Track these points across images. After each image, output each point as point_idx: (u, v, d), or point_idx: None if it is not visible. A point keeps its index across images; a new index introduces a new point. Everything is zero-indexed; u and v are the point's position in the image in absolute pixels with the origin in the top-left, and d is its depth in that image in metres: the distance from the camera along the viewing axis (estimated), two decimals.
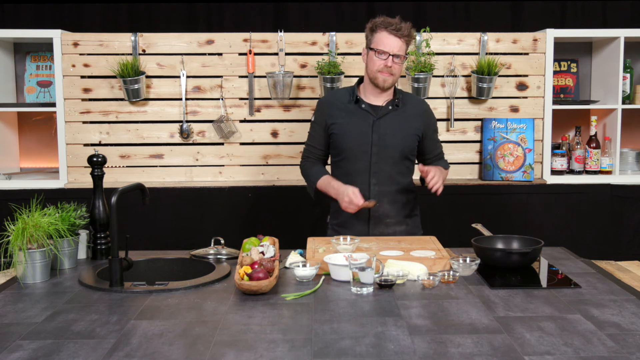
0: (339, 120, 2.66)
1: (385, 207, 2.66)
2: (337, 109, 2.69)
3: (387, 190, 2.65)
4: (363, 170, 2.64)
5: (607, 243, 3.76)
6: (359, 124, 2.64)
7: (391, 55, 2.56)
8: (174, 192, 3.68)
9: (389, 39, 2.56)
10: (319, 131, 2.72)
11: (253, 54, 3.72)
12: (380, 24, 2.58)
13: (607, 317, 1.74)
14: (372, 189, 2.64)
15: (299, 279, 2.10)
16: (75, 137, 3.74)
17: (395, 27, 2.55)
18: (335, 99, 2.72)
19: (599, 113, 3.94)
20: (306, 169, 2.77)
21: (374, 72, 2.59)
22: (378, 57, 2.57)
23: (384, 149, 2.63)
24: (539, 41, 3.79)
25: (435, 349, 1.53)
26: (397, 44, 2.56)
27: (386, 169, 2.64)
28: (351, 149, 2.64)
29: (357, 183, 2.60)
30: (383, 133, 2.63)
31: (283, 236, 2.58)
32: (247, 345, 1.56)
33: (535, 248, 2.24)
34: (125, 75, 3.60)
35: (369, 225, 2.67)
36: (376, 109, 2.66)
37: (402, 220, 2.71)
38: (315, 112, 2.76)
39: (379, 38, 2.57)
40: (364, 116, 2.65)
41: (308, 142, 2.78)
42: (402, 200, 2.70)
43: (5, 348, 1.56)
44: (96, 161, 2.41)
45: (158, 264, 2.40)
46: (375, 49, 2.57)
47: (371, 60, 2.60)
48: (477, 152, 3.86)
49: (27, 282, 2.12)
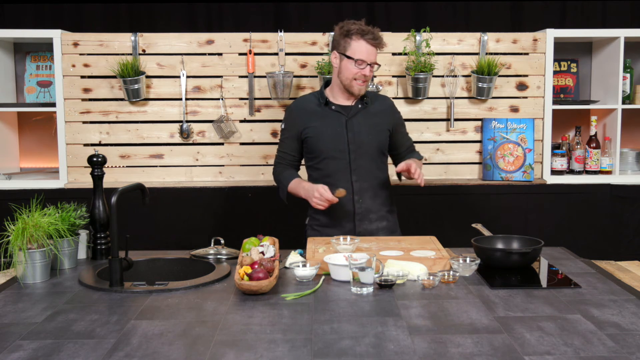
0: (311, 124, 2.70)
1: (368, 202, 2.71)
2: (308, 114, 2.72)
3: (368, 185, 2.71)
4: (343, 169, 2.68)
5: (607, 243, 3.76)
6: (333, 125, 2.69)
7: (369, 64, 2.60)
8: (174, 192, 3.68)
9: (368, 49, 2.59)
10: (290, 138, 2.76)
11: (253, 54, 3.72)
12: (355, 31, 2.58)
13: (607, 317, 1.74)
14: (354, 185, 2.68)
15: (299, 279, 2.10)
16: (75, 137, 3.74)
17: (373, 36, 2.58)
18: (304, 104, 2.77)
19: (599, 113, 3.94)
20: (278, 174, 2.81)
21: (349, 80, 2.63)
22: (357, 66, 2.59)
23: (360, 146, 2.68)
24: (539, 41, 3.79)
25: (435, 349, 1.53)
26: (374, 52, 2.61)
27: (365, 165, 2.70)
28: (328, 150, 2.68)
29: (339, 182, 2.66)
30: (357, 131, 2.68)
31: (283, 236, 2.58)
32: (247, 345, 1.56)
33: (535, 248, 2.24)
34: (125, 75, 3.60)
35: (355, 222, 2.70)
36: (346, 109, 2.71)
37: (384, 215, 2.76)
38: (284, 119, 2.80)
39: (357, 47, 2.58)
40: (336, 117, 2.70)
41: (279, 149, 2.82)
42: (382, 195, 2.76)
43: (5, 348, 1.56)
44: (96, 161, 2.41)
45: (158, 264, 2.40)
46: (354, 58, 2.58)
47: (346, 68, 2.62)
48: (477, 152, 3.86)
49: (27, 282, 2.12)
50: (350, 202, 2.69)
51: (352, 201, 2.69)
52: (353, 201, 2.69)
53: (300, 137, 2.73)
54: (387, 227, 2.77)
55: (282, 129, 2.80)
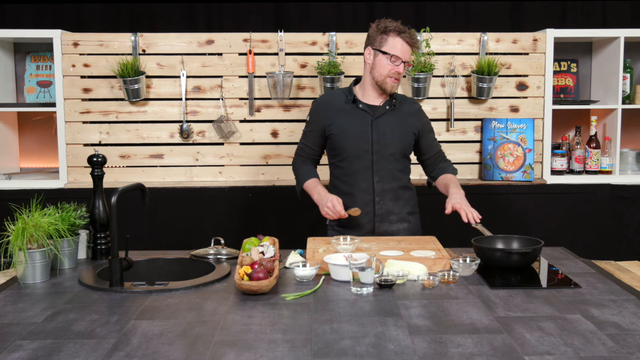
0: (336, 120, 2.68)
1: (389, 204, 2.70)
2: (334, 110, 2.70)
3: (390, 187, 2.69)
4: (365, 169, 2.66)
5: (607, 243, 3.76)
6: (358, 124, 2.66)
7: (403, 62, 2.59)
8: (174, 192, 3.68)
9: (404, 47, 2.59)
10: (314, 131, 2.75)
11: (253, 54, 3.72)
12: (393, 28, 2.59)
13: (607, 317, 1.74)
14: (375, 186, 2.67)
15: (299, 279, 2.10)
16: (75, 137, 3.74)
17: (410, 35, 2.59)
18: (332, 100, 2.75)
19: (599, 113, 3.94)
20: (297, 168, 2.80)
21: (383, 77, 2.61)
22: (391, 62, 2.59)
23: (384, 148, 2.66)
24: (539, 41, 3.79)
25: (435, 349, 1.53)
26: (409, 52, 2.62)
27: (388, 166, 2.68)
28: (351, 148, 2.66)
29: (360, 181, 2.66)
30: (382, 132, 2.66)
31: (283, 236, 2.58)
32: (247, 345, 1.56)
33: (535, 248, 2.24)
34: (125, 75, 3.60)
35: (374, 224, 2.69)
36: (373, 108, 2.68)
37: (404, 217, 2.74)
38: (310, 112, 2.79)
39: (394, 44, 2.58)
40: (362, 116, 2.67)
41: (302, 140, 2.81)
42: (404, 197, 2.74)
43: (5, 348, 1.56)
44: (96, 161, 2.41)
45: (158, 264, 2.40)
46: (391, 54, 2.58)
47: (381, 64, 2.61)
48: (477, 152, 3.86)
49: (27, 282, 2.12)
50: (371, 203, 2.67)
51: (372, 202, 2.67)
52: (374, 202, 2.67)
53: (324, 133, 2.71)
54: (409, 228, 2.75)
55: (307, 121, 2.79)
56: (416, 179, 3.78)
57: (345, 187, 2.70)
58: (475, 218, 2.48)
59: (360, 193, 2.67)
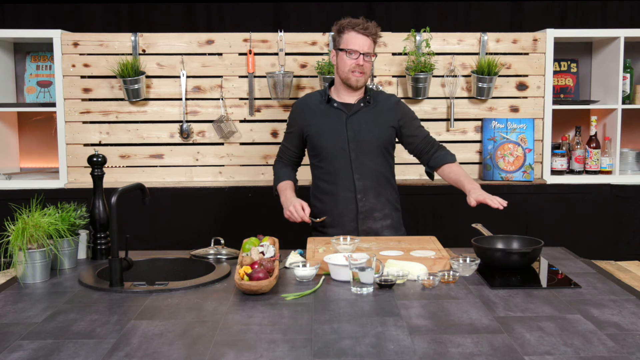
0: (312, 121, 2.72)
1: (372, 201, 2.70)
2: (310, 111, 2.75)
3: (371, 184, 2.70)
4: (345, 167, 2.68)
5: (607, 243, 3.76)
6: (333, 122, 2.69)
7: (361, 54, 2.62)
8: (174, 192, 3.68)
9: (358, 38, 2.63)
10: (292, 133, 2.80)
11: (253, 54, 3.73)
12: (347, 25, 2.65)
13: (607, 317, 1.74)
14: (356, 184, 2.68)
15: (299, 279, 2.10)
16: (75, 137, 3.74)
17: (362, 26, 2.63)
18: (308, 101, 2.79)
19: (599, 113, 3.94)
20: (275, 170, 2.87)
21: (345, 73, 2.65)
22: (349, 57, 2.63)
23: (361, 144, 2.68)
24: (539, 41, 3.79)
25: (435, 349, 1.53)
26: (366, 43, 2.63)
27: (367, 163, 2.69)
28: (329, 147, 2.69)
29: (341, 180, 2.68)
30: (357, 129, 2.68)
31: (283, 236, 2.58)
32: (247, 345, 1.56)
33: (535, 248, 2.24)
34: (125, 75, 3.60)
35: (358, 222, 2.69)
36: (348, 106, 2.71)
37: (387, 214, 2.75)
38: (289, 115, 2.84)
39: (348, 38, 2.64)
40: (337, 114, 2.70)
41: (283, 141, 2.87)
42: (386, 194, 2.74)
43: (5, 348, 1.56)
44: (96, 161, 2.41)
45: (158, 264, 2.40)
46: (346, 49, 2.63)
47: (342, 61, 2.65)
48: (477, 152, 3.86)
49: (27, 282, 2.12)
50: (353, 201, 2.68)
51: (354, 200, 2.68)
52: (356, 200, 2.68)
53: (302, 134, 2.75)
54: (392, 225, 2.75)
55: (287, 123, 2.84)
56: (416, 179, 3.79)
57: (327, 186, 2.71)
58: (502, 203, 2.47)
59: (342, 191, 2.69)
